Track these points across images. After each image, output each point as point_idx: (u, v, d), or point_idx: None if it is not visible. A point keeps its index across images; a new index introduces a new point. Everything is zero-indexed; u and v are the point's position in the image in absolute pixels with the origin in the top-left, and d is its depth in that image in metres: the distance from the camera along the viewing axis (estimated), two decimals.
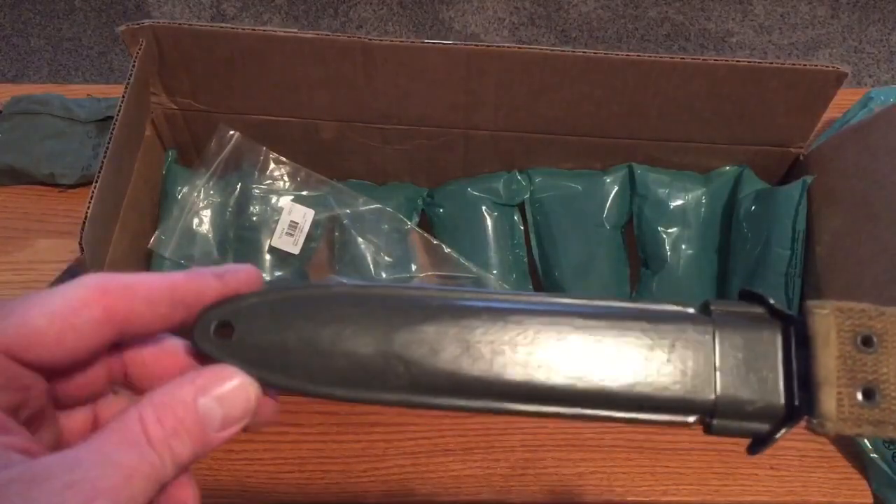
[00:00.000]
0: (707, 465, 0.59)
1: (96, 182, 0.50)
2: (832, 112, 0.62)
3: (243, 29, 0.57)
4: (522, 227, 0.67)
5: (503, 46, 0.57)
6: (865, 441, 0.57)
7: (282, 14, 1.66)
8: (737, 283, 0.61)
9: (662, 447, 0.60)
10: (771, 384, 0.24)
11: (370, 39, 0.57)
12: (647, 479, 0.59)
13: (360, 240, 0.64)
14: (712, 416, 0.24)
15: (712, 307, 0.25)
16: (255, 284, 0.26)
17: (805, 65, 0.56)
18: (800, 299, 0.58)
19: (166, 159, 0.66)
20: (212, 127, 0.65)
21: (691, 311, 0.25)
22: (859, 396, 0.23)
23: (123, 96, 0.55)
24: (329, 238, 0.66)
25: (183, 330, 0.25)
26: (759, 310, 0.25)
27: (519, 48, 0.57)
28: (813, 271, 0.58)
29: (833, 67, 0.56)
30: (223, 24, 0.58)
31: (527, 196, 0.66)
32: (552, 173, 0.66)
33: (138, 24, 0.57)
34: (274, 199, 0.65)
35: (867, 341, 0.24)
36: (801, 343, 0.24)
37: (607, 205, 0.66)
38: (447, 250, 0.65)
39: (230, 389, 0.24)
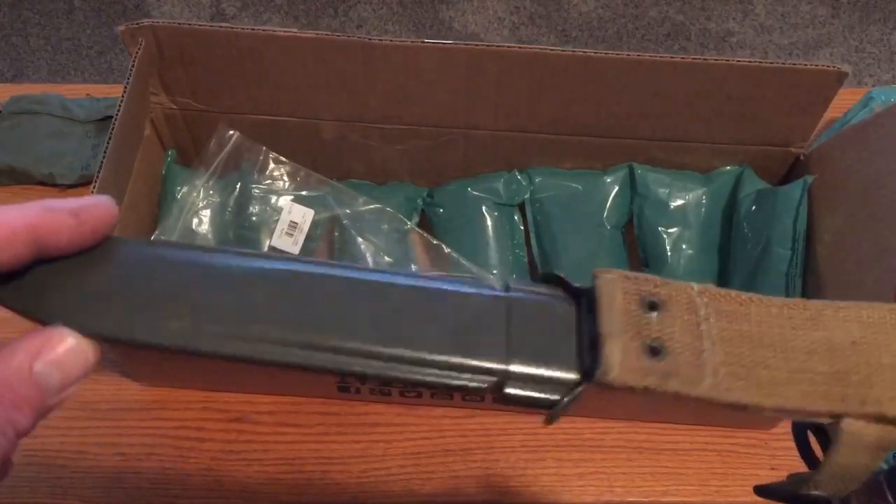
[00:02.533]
0: (707, 465, 0.59)
1: (95, 182, 0.50)
2: (833, 112, 0.62)
3: (243, 29, 0.57)
4: (522, 227, 0.67)
5: (503, 46, 0.57)
6: None
7: (282, 14, 1.66)
8: (737, 283, 0.61)
9: (662, 447, 0.60)
10: (563, 353, 0.25)
11: (370, 39, 0.56)
12: (647, 480, 0.59)
13: (359, 240, 0.64)
14: (504, 383, 0.25)
15: (511, 286, 0.27)
16: (112, 219, 0.25)
17: (806, 64, 0.56)
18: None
19: (166, 159, 0.65)
20: (211, 127, 0.65)
21: (492, 288, 0.27)
22: (645, 350, 0.24)
23: (123, 96, 0.54)
24: (329, 238, 0.66)
25: None
26: (557, 291, 0.27)
27: (519, 48, 0.56)
28: (813, 271, 0.58)
29: (834, 67, 0.56)
30: (223, 24, 0.58)
31: (527, 196, 0.66)
32: (552, 173, 0.66)
33: (137, 24, 0.56)
34: (274, 199, 0.65)
35: (653, 305, 0.25)
36: (591, 309, 0.25)
37: (607, 205, 0.65)
38: (447, 250, 0.65)
39: (65, 352, 0.23)
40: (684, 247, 0.64)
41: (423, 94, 0.60)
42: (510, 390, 0.25)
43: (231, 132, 0.65)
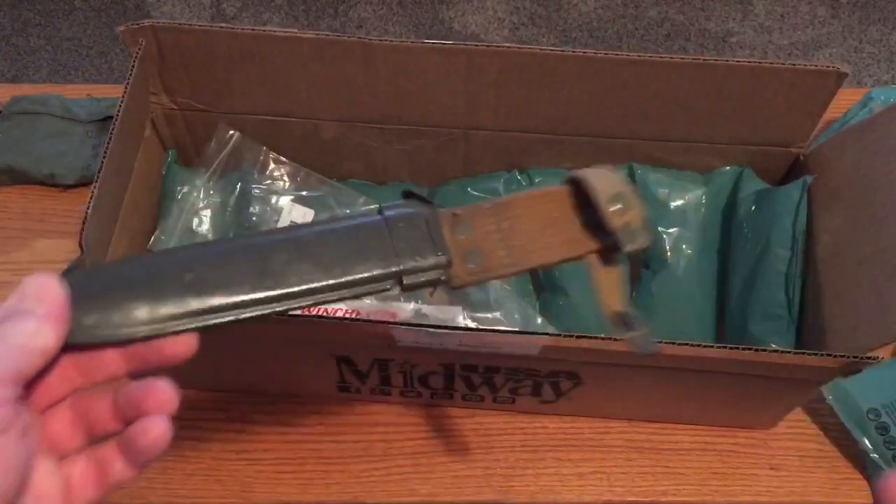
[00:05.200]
0: (707, 465, 0.59)
1: (96, 182, 0.50)
2: (832, 112, 0.62)
3: (243, 29, 0.57)
4: None
5: (503, 46, 0.57)
6: (866, 441, 0.57)
7: (282, 14, 1.66)
8: (737, 283, 0.61)
9: (662, 447, 0.60)
10: (437, 247, 0.35)
11: (370, 39, 0.57)
12: (647, 479, 0.59)
13: None
14: (401, 278, 0.34)
15: (383, 208, 0.35)
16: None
17: (805, 65, 0.56)
18: (800, 299, 0.58)
19: (166, 159, 0.65)
20: (212, 127, 0.65)
21: (371, 215, 0.35)
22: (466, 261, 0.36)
23: (123, 96, 0.55)
24: None
25: None
26: (417, 203, 0.36)
27: (519, 48, 0.57)
28: (813, 271, 0.58)
29: (833, 67, 0.56)
30: (223, 24, 0.58)
31: None
32: (552, 173, 0.66)
33: (138, 24, 0.57)
34: (274, 199, 0.65)
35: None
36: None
37: None
38: None
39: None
40: (684, 247, 0.64)
41: (423, 94, 0.60)
42: (407, 281, 0.34)
43: (231, 132, 0.65)
